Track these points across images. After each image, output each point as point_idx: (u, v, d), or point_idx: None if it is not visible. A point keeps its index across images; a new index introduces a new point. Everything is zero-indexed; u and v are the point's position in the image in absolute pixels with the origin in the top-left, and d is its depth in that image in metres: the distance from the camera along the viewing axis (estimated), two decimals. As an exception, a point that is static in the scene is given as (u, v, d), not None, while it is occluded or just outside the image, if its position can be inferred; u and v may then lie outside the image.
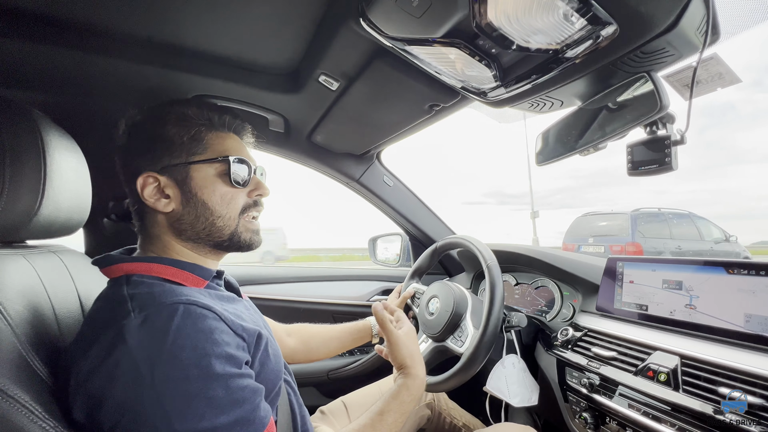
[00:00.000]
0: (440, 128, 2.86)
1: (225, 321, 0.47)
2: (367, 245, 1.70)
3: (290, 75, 0.89)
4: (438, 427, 1.03)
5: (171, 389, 0.40)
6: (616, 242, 5.84)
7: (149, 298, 0.45)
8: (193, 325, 0.43)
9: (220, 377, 0.42)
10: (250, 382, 0.46)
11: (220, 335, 0.45)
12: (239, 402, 0.43)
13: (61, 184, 0.55)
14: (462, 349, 0.83)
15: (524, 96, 0.72)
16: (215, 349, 0.43)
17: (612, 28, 0.51)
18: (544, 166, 0.84)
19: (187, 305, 0.45)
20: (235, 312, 0.52)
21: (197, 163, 0.55)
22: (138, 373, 0.40)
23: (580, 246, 6.35)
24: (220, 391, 0.41)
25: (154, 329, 0.42)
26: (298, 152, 1.23)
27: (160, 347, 0.41)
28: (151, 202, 0.54)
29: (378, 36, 0.63)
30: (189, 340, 0.42)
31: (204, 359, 0.42)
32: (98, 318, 0.47)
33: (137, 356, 0.40)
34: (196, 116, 0.57)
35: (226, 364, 0.43)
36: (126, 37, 0.74)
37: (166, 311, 0.43)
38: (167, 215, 0.55)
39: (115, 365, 0.40)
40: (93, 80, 0.82)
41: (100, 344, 0.42)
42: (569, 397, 0.85)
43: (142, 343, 0.41)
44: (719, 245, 6.31)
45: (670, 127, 0.66)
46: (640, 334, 0.78)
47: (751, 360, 0.60)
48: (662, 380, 0.67)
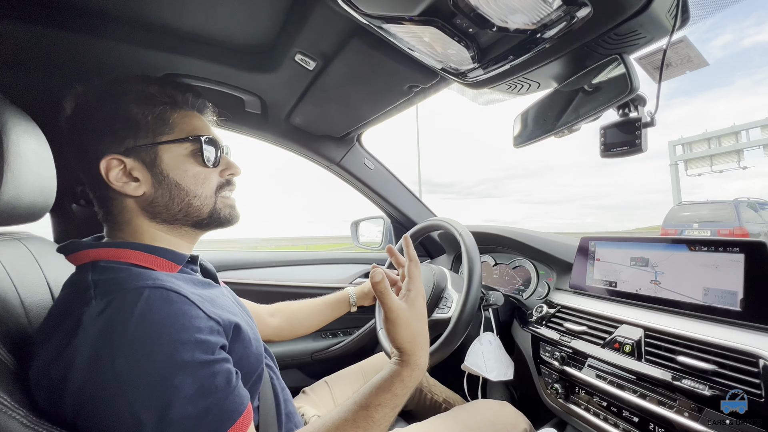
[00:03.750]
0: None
1: (196, 305, 0.45)
2: (350, 228, 1.70)
3: (265, 53, 0.86)
4: (419, 404, 1.06)
5: (134, 378, 0.38)
6: (723, 227, 6.74)
7: (114, 283, 0.44)
8: (158, 310, 0.41)
9: (187, 365, 0.40)
10: (224, 367, 0.43)
11: (190, 320, 0.43)
12: (210, 390, 0.41)
13: (22, 168, 0.52)
14: (449, 313, 0.85)
15: (502, 77, 0.72)
16: (182, 335, 0.41)
17: (587, 9, 0.51)
18: (521, 148, 0.86)
19: (153, 289, 0.43)
20: (210, 297, 0.51)
21: (166, 143, 0.53)
22: (99, 361, 0.38)
23: (683, 230, 7.21)
24: (187, 379, 0.39)
25: (115, 316, 0.40)
26: (277, 134, 1.20)
27: (122, 334, 0.39)
28: (119, 186, 0.52)
29: (354, 13, 0.62)
30: (153, 326, 0.40)
31: (169, 346, 0.40)
32: (60, 306, 0.46)
33: (97, 344, 0.39)
34: (159, 94, 0.54)
35: (196, 350, 0.41)
36: (92, 12, 0.69)
37: (130, 296, 0.42)
38: (137, 199, 0.53)
39: (74, 354, 0.39)
40: (54, 58, 0.77)
41: (60, 333, 0.41)
42: (542, 370, 0.89)
43: (102, 331, 0.39)
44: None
45: (642, 110, 0.67)
46: (609, 309, 0.82)
47: (706, 330, 0.65)
48: (627, 351, 0.71)
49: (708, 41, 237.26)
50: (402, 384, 0.52)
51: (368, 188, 1.41)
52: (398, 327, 0.53)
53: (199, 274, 0.60)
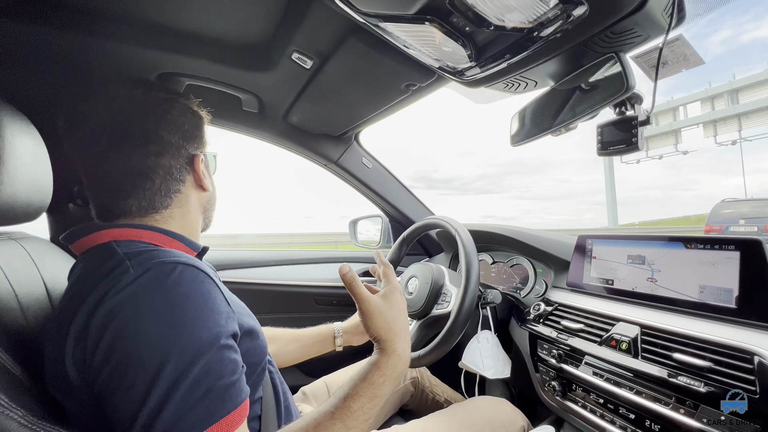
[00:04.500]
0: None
1: (220, 289, 0.46)
2: (348, 227, 1.70)
3: (262, 52, 0.86)
4: (421, 403, 1.07)
5: (153, 341, 0.39)
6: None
7: (148, 257, 0.44)
8: (189, 285, 0.43)
9: (203, 343, 0.40)
10: (232, 356, 0.43)
11: (214, 302, 0.44)
12: (215, 374, 0.40)
13: (18, 167, 0.52)
14: (449, 308, 0.85)
15: (499, 76, 0.72)
16: (206, 314, 0.42)
17: (583, 8, 0.51)
18: (519, 146, 0.86)
19: (186, 266, 0.44)
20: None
21: (203, 153, 0.61)
22: (125, 322, 0.39)
23: (729, 227, 7.31)
24: (200, 358, 0.39)
25: (149, 283, 0.41)
26: (274, 133, 1.20)
27: (152, 299, 0.40)
28: (201, 178, 0.59)
29: (351, 11, 0.61)
30: (182, 299, 0.41)
31: (192, 321, 0.41)
32: (89, 277, 0.45)
33: (127, 305, 0.40)
34: (198, 107, 0.62)
35: (214, 331, 0.42)
36: (87, 11, 0.69)
37: (165, 268, 0.43)
38: (202, 195, 0.61)
39: (108, 312, 0.39)
40: (49, 57, 0.76)
41: (97, 292, 0.41)
42: (540, 367, 0.90)
43: (134, 295, 0.40)
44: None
45: (638, 108, 0.68)
46: (606, 306, 0.83)
47: (701, 327, 0.65)
48: (623, 348, 0.72)
49: (706, 37, 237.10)
50: (379, 372, 0.51)
51: (366, 187, 1.41)
52: (371, 316, 0.54)
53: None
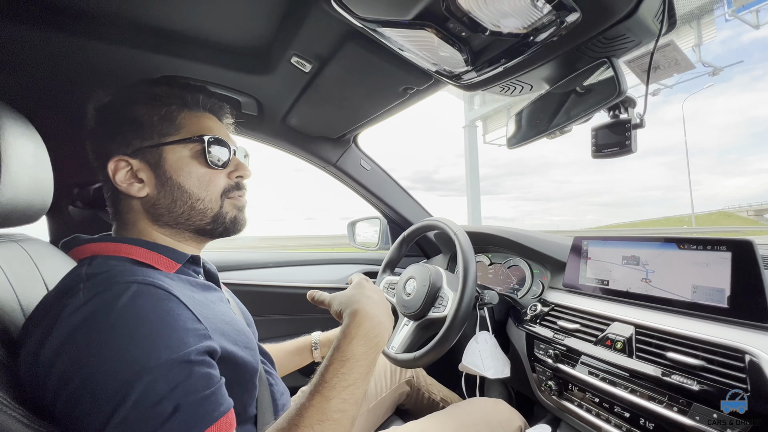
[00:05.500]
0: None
1: (185, 305, 0.44)
2: (346, 229, 1.70)
3: (262, 56, 0.87)
4: (417, 403, 1.07)
5: (104, 373, 0.37)
6: None
7: (105, 278, 0.43)
8: (143, 305, 0.41)
9: (162, 362, 0.38)
10: (203, 371, 0.41)
11: (175, 319, 0.42)
12: (184, 391, 0.39)
13: (19, 170, 0.52)
14: (445, 312, 0.86)
15: (495, 80, 0.74)
16: (164, 332, 0.40)
17: (576, 14, 0.53)
18: (516, 149, 0.87)
19: (142, 285, 0.42)
20: (205, 302, 0.51)
21: (170, 144, 0.53)
22: (75, 347, 0.38)
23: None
24: (160, 376, 0.38)
25: (99, 306, 0.40)
26: (273, 136, 1.21)
27: (102, 322, 0.39)
28: (123, 187, 0.52)
29: (349, 17, 0.63)
30: (134, 319, 0.40)
31: (147, 340, 0.39)
32: (50, 296, 0.46)
33: (76, 331, 0.39)
34: (167, 95, 0.55)
35: (176, 349, 0.40)
36: (87, 14, 0.70)
37: (117, 289, 0.41)
38: (142, 200, 0.54)
39: (55, 341, 0.39)
40: (50, 60, 0.77)
41: (46, 320, 0.41)
42: (536, 367, 0.91)
43: (85, 320, 0.39)
44: None
45: (632, 111, 0.69)
46: (601, 307, 0.84)
47: (695, 327, 0.66)
48: (618, 348, 0.73)
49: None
50: (346, 339, 0.52)
51: (364, 189, 1.42)
52: (334, 300, 0.60)
53: (202, 276, 0.59)
